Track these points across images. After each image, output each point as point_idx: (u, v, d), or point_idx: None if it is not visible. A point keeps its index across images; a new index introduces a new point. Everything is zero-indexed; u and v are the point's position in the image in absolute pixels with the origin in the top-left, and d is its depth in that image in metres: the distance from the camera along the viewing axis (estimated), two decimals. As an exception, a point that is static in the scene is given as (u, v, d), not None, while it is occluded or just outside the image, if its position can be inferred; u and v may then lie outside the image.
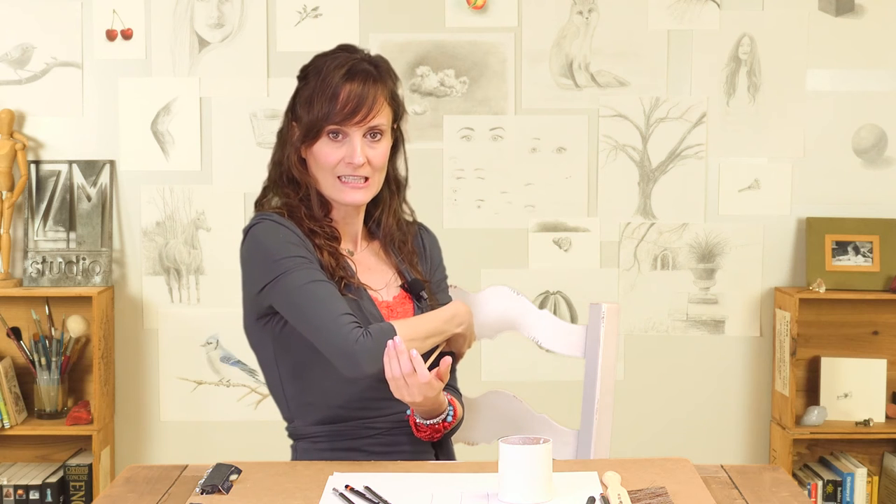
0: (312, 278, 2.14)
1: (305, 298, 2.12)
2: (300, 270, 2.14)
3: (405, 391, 2.07)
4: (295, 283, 2.13)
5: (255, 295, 2.20)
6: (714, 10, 3.92)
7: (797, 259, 3.98)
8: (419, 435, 2.24)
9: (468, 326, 2.25)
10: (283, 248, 2.16)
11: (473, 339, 2.30)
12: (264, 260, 2.16)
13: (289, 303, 2.14)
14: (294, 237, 2.19)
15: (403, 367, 2.05)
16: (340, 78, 2.21)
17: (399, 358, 2.05)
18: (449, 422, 2.23)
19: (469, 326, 2.25)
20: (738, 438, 4.03)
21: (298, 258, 2.15)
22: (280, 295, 2.15)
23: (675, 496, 1.88)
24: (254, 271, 2.19)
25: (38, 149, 3.94)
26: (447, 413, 2.23)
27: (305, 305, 2.12)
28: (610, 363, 2.36)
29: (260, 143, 3.91)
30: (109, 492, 1.97)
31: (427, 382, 2.05)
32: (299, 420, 2.26)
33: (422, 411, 2.20)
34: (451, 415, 2.23)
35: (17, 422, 3.81)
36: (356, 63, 2.23)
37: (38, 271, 3.89)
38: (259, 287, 2.17)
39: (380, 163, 2.25)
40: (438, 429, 2.23)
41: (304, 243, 2.19)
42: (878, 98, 3.95)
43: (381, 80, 2.24)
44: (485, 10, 3.91)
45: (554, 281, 3.97)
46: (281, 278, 2.14)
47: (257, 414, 3.97)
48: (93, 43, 3.91)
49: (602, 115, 3.94)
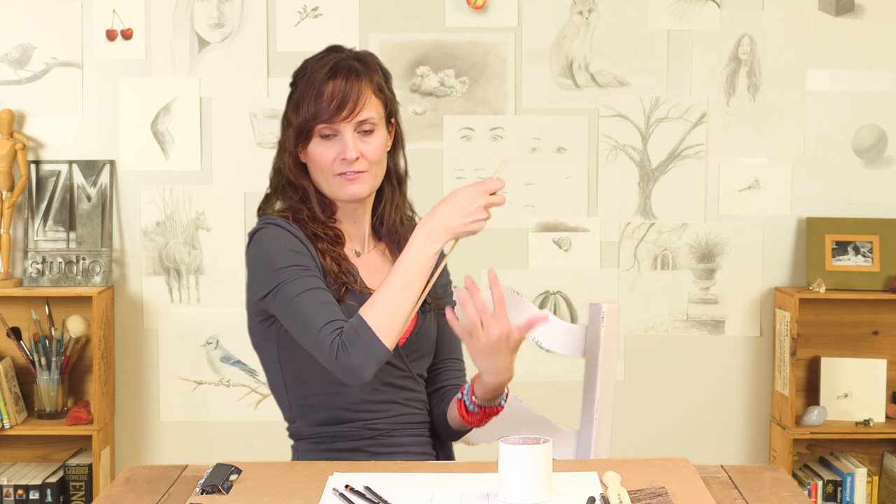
0: (306, 287, 2.14)
1: (296, 309, 2.13)
2: (296, 281, 2.14)
3: (482, 337, 2.09)
4: (290, 294, 2.14)
5: (258, 300, 2.20)
6: (714, 10, 3.93)
7: (797, 259, 3.98)
8: (468, 420, 2.25)
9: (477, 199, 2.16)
10: (283, 256, 2.17)
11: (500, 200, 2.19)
12: (266, 268, 2.17)
13: (284, 313, 2.16)
14: (296, 243, 2.19)
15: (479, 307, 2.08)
16: (324, 76, 2.21)
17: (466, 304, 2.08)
18: (502, 406, 2.25)
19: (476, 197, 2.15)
20: (738, 438, 4.03)
21: (297, 267, 2.16)
22: (278, 304, 2.16)
23: (675, 496, 1.88)
24: (257, 278, 2.20)
25: (38, 149, 3.94)
26: (504, 395, 2.24)
27: (296, 317, 2.13)
28: (610, 363, 2.36)
29: (260, 143, 3.91)
30: (109, 492, 1.97)
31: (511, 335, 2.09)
32: (301, 421, 2.27)
33: (490, 388, 2.19)
34: (506, 398, 2.25)
35: (17, 422, 3.81)
36: (340, 61, 2.24)
37: (38, 271, 3.89)
38: (261, 295, 2.19)
39: (374, 156, 2.24)
40: (491, 413, 2.24)
41: (306, 249, 2.19)
42: (878, 98, 3.96)
43: (366, 74, 2.24)
44: (485, 10, 3.92)
45: (554, 281, 3.97)
46: (280, 288, 2.14)
47: (257, 414, 3.97)
48: (93, 43, 3.91)
49: (602, 115, 3.94)
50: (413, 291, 2.10)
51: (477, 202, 2.13)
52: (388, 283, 2.10)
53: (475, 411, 2.23)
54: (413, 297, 2.10)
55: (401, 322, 2.09)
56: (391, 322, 2.08)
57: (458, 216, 2.13)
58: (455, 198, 2.14)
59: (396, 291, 2.09)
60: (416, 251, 2.11)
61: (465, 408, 2.24)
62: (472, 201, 2.13)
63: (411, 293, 2.10)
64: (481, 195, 2.14)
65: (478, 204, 2.13)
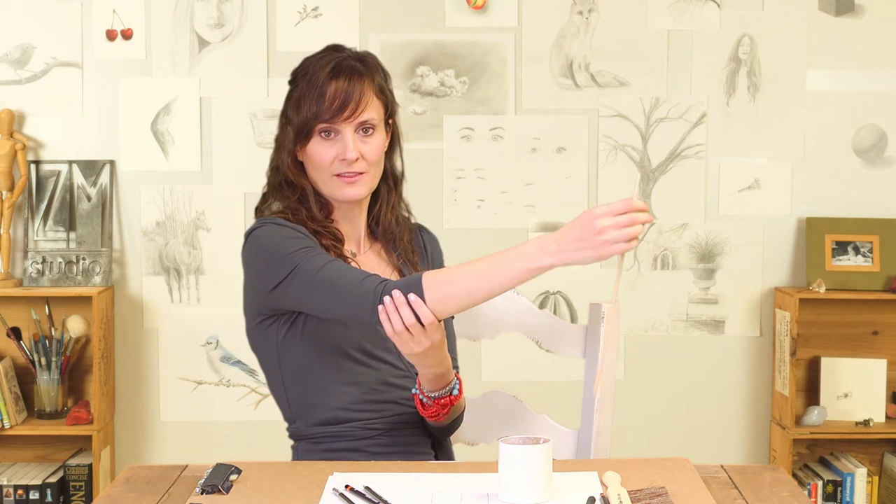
0: (325, 261, 2.13)
1: (323, 282, 2.10)
2: (312, 259, 2.13)
3: (413, 343, 2.04)
4: (310, 272, 2.12)
5: (266, 294, 2.18)
6: (714, 10, 3.93)
7: (797, 259, 3.98)
8: (425, 413, 2.22)
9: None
10: (289, 243, 2.16)
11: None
12: (275, 258, 2.16)
13: (308, 292, 2.12)
14: (298, 234, 2.19)
15: (406, 318, 2.01)
16: (326, 76, 2.21)
17: (399, 310, 2.02)
18: (455, 395, 2.21)
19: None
20: (738, 438, 4.03)
21: (307, 249, 2.15)
22: (298, 288, 2.13)
23: (675, 496, 1.88)
24: (264, 271, 2.18)
25: (38, 149, 3.94)
26: (453, 385, 2.21)
27: (325, 289, 2.10)
28: (610, 363, 2.36)
29: (260, 143, 3.91)
30: (109, 492, 1.97)
31: (432, 322, 2.01)
32: (301, 421, 2.27)
33: (430, 380, 2.17)
34: (456, 388, 2.21)
35: (17, 422, 3.81)
36: (342, 61, 2.24)
37: (38, 271, 3.89)
38: (272, 285, 2.16)
39: (374, 157, 2.25)
40: (445, 403, 2.20)
41: (310, 239, 2.20)
42: (878, 98, 3.96)
43: (368, 74, 2.24)
44: (485, 10, 3.92)
45: (554, 281, 3.97)
46: (296, 271, 2.13)
47: (257, 414, 3.97)
48: (93, 43, 3.91)
49: (602, 115, 3.94)
50: (486, 283, 2.00)
51: (601, 226, 1.93)
52: (469, 263, 2.03)
53: (429, 403, 2.20)
54: (483, 288, 2.00)
55: (456, 303, 2.02)
56: (445, 294, 2.02)
57: (572, 240, 1.96)
58: (581, 218, 1.96)
59: (470, 274, 2.02)
60: (518, 255, 1.99)
61: (421, 402, 2.22)
62: (592, 227, 1.93)
63: (483, 284, 2.01)
64: (609, 218, 1.93)
65: (602, 228, 1.92)
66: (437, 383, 2.19)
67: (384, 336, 2.21)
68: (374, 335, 2.22)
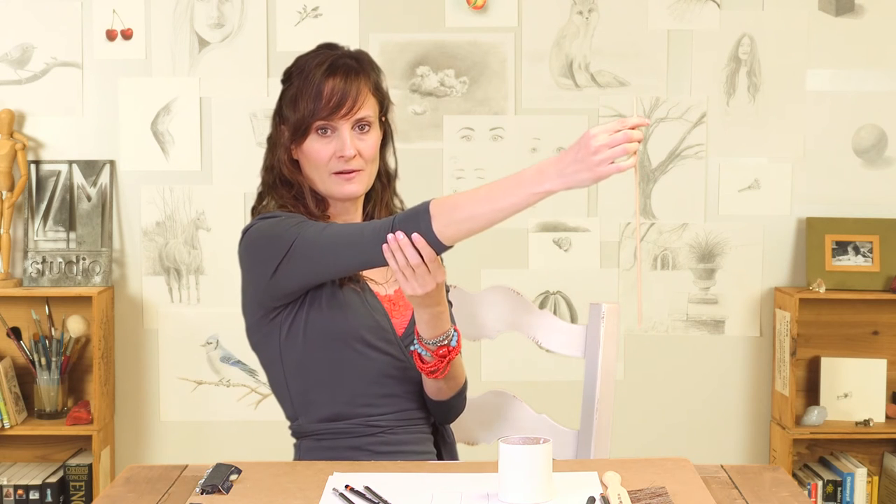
0: (323, 225, 2.15)
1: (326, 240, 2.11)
2: (311, 226, 2.14)
3: (416, 283, 2.04)
4: (313, 235, 2.12)
5: (267, 282, 2.18)
6: (714, 10, 3.93)
7: (797, 259, 3.98)
8: (424, 369, 2.18)
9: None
10: (283, 223, 2.17)
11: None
12: (272, 241, 2.16)
13: (315, 255, 2.12)
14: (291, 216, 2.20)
15: (411, 258, 2.02)
16: (322, 74, 2.22)
17: (404, 249, 2.02)
18: (454, 346, 2.18)
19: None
20: (738, 438, 4.03)
21: (302, 223, 2.17)
22: (301, 257, 2.13)
23: (675, 496, 1.88)
24: (262, 256, 2.18)
25: (38, 149, 3.94)
26: (451, 335, 2.18)
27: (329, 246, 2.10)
28: (610, 363, 2.36)
29: (260, 143, 3.91)
30: (109, 492, 1.97)
31: (435, 260, 2.03)
32: (303, 418, 2.26)
33: (427, 321, 2.13)
34: (455, 338, 2.18)
35: (17, 422, 3.81)
36: (337, 58, 2.25)
37: (38, 271, 3.89)
38: (273, 267, 2.16)
39: (370, 154, 2.26)
40: (444, 354, 2.16)
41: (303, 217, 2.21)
42: (878, 98, 3.96)
43: (364, 72, 2.26)
44: (485, 10, 3.92)
45: (554, 281, 3.97)
46: (296, 243, 2.13)
47: (257, 414, 3.97)
48: (93, 43, 3.91)
49: (602, 115, 3.94)
50: (488, 206, 1.98)
51: (596, 146, 1.93)
52: (475, 189, 2.02)
53: (428, 357, 2.17)
54: (486, 212, 1.98)
55: (463, 227, 2.01)
56: (451, 219, 2.01)
57: (569, 162, 1.97)
58: (578, 140, 1.95)
59: (473, 199, 2.00)
60: (519, 180, 1.99)
61: (419, 356, 2.19)
62: (588, 147, 1.93)
63: (486, 207, 1.99)
64: (604, 136, 1.93)
65: (597, 147, 1.94)
66: (435, 326, 2.15)
67: (384, 327, 2.21)
68: (375, 326, 2.22)
